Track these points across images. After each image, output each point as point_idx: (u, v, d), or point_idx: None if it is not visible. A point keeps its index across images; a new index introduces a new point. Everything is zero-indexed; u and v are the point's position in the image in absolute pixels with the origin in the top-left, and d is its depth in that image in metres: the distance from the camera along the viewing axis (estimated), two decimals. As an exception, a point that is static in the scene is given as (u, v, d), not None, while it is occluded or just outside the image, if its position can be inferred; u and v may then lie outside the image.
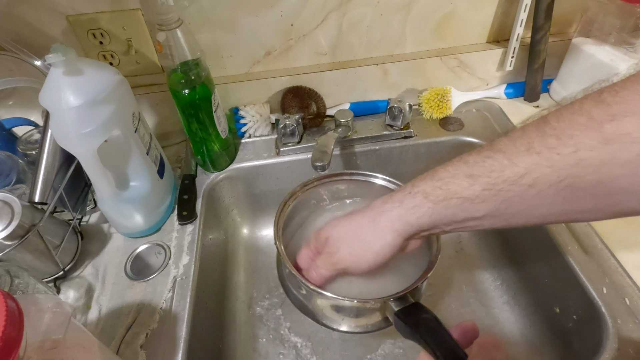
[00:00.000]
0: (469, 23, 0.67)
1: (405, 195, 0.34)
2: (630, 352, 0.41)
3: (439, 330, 0.31)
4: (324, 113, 0.68)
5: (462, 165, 0.31)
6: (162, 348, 0.43)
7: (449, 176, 0.31)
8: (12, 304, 0.24)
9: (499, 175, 0.28)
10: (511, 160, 0.28)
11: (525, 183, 0.27)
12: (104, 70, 0.44)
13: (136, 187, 0.53)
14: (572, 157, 0.25)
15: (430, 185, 0.32)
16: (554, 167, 0.26)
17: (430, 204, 0.32)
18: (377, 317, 0.40)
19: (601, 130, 0.24)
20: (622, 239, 0.49)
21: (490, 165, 0.29)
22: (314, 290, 0.38)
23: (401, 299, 0.36)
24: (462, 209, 0.31)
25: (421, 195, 0.33)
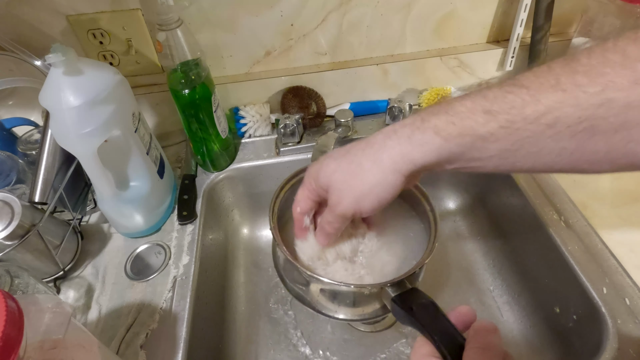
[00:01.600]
0: (469, 23, 0.67)
1: (413, 130, 0.31)
2: (630, 352, 0.41)
3: (436, 315, 0.31)
4: (324, 113, 0.68)
5: (480, 100, 0.28)
6: (162, 348, 0.43)
7: (465, 110, 0.29)
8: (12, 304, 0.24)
9: (519, 112, 0.26)
10: (534, 97, 0.26)
11: (545, 122, 0.25)
12: (104, 70, 0.44)
13: (136, 187, 0.53)
14: (599, 96, 0.24)
15: (444, 119, 0.29)
16: (579, 106, 0.24)
17: (441, 141, 0.29)
18: (374, 304, 0.40)
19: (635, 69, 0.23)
20: (622, 239, 0.49)
21: (511, 100, 0.27)
22: (311, 276, 0.38)
23: (398, 284, 0.36)
24: (473, 147, 0.29)
25: (432, 131, 0.30)
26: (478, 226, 0.70)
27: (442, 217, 0.73)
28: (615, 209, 0.53)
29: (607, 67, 0.24)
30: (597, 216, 0.52)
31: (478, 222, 0.71)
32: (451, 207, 0.74)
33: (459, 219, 0.73)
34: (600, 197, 0.55)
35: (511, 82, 0.27)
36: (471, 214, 0.72)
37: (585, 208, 0.53)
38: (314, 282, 0.40)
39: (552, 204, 0.55)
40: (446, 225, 0.72)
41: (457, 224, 0.72)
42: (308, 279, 0.40)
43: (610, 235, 0.50)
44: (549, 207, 0.55)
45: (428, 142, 0.30)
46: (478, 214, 0.71)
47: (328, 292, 0.41)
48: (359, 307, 0.40)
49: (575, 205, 0.54)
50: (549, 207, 0.55)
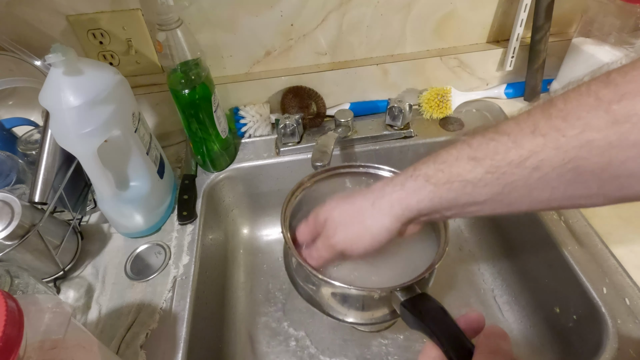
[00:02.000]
0: (469, 23, 0.67)
1: (406, 178, 0.34)
2: (630, 352, 0.41)
3: (445, 320, 0.31)
4: (324, 113, 0.68)
5: (465, 148, 0.30)
6: (162, 348, 0.43)
7: (452, 159, 0.31)
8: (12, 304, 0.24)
9: (503, 158, 0.28)
10: (516, 143, 0.27)
11: (530, 166, 0.27)
12: (104, 70, 0.44)
13: (136, 187, 0.53)
14: (578, 138, 0.24)
15: (433, 168, 0.32)
16: (560, 149, 0.25)
17: (432, 187, 0.32)
18: (383, 308, 0.40)
19: (609, 110, 0.23)
20: (622, 239, 0.49)
21: (494, 147, 0.28)
22: (322, 279, 0.38)
23: (408, 289, 0.36)
24: (464, 192, 0.30)
25: (423, 179, 0.32)
26: (478, 226, 0.70)
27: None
28: (615, 209, 0.53)
29: (583, 111, 0.25)
30: (597, 216, 0.52)
31: (478, 222, 0.71)
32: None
33: (458, 219, 0.73)
34: (600, 197, 0.54)
35: (493, 130, 0.29)
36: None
37: (585, 208, 0.53)
38: (324, 286, 0.41)
39: (552, 204, 0.55)
40: (446, 225, 0.72)
41: (457, 224, 0.72)
42: (319, 282, 0.41)
43: (610, 235, 0.50)
44: (549, 207, 0.55)
45: (420, 188, 0.32)
46: (478, 214, 0.71)
47: (338, 296, 0.41)
48: (368, 311, 0.41)
49: (575, 205, 0.54)
50: (549, 207, 0.55)
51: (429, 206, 0.32)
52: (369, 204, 0.35)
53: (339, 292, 0.40)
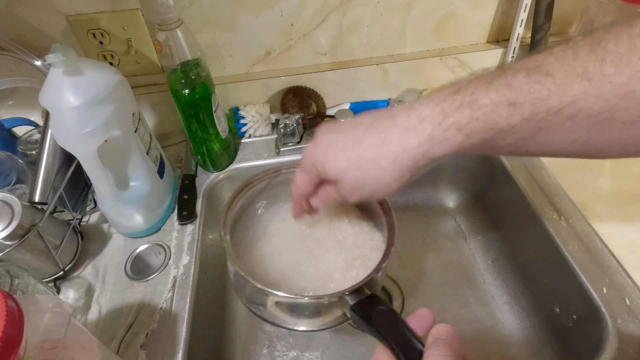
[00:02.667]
0: (469, 23, 0.67)
1: (434, 126, 0.29)
2: (630, 352, 0.41)
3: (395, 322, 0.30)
4: (324, 113, 0.68)
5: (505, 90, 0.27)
6: (162, 348, 0.43)
7: (490, 104, 0.27)
8: (12, 304, 0.24)
9: (543, 104, 0.25)
10: (561, 87, 0.25)
11: (566, 114, 0.25)
12: (104, 70, 0.44)
13: (136, 187, 0.53)
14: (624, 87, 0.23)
15: (467, 115, 0.28)
16: (602, 97, 0.24)
17: (463, 137, 0.28)
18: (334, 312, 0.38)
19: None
20: (622, 239, 0.49)
21: (537, 91, 0.26)
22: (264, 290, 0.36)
23: (357, 291, 0.35)
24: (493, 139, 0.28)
25: (455, 127, 0.28)
26: (478, 226, 0.70)
27: (442, 217, 0.73)
28: (615, 209, 0.53)
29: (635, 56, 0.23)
30: (597, 216, 0.52)
31: (478, 221, 0.71)
32: (451, 207, 0.74)
33: (459, 218, 0.73)
34: (600, 197, 0.55)
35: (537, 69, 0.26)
36: (471, 214, 0.72)
37: (585, 208, 0.53)
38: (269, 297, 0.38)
39: (552, 204, 0.55)
40: (446, 225, 0.72)
41: (457, 224, 0.72)
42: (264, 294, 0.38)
43: (610, 235, 0.50)
44: (549, 207, 0.55)
45: (450, 139, 0.29)
46: (478, 213, 0.71)
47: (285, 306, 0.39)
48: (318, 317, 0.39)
49: (575, 205, 0.54)
50: (549, 207, 0.55)
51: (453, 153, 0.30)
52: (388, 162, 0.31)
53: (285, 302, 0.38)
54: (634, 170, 0.57)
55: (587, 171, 0.58)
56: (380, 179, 0.32)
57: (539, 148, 0.28)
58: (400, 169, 0.31)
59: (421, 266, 0.66)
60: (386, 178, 0.32)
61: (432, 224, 0.73)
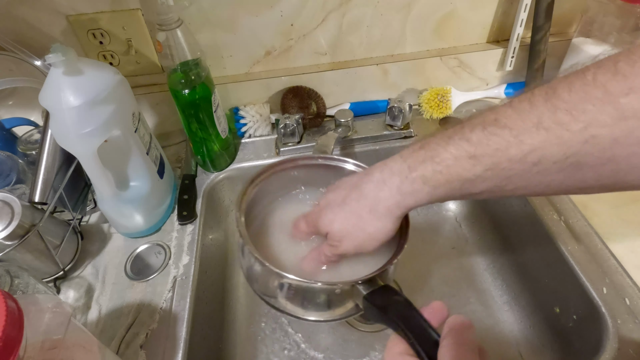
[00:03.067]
0: (469, 23, 0.67)
1: (402, 180, 0.33)
2: (630, 352, 0.41)
3: (409, 312, 0.30)
4: (324, 113, 0.68)
5: (464, 144, 0.29)
6: (162, 348, 0.43)
7: (450, 158, 0.30)
8: (12, 304, 0.24)
9: (503, 154, 0.27)
10: (517, 138, 0.26)
11: (530, 161, 0.26)
12: (104, 70, 0.44)
13: (136, 187, 0.53)
14: (583, 134, 0.24)
15: (430, 169, 0.31)
16: (563, 144, 0.24)
17: (430, 189, 0.31)
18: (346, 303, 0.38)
19: (617, 105, 0.22)
20: (622, 239, 0.49)
21: (495, 143, 0.27)
22: (278, 273, 0.36)
23: (370, 282, 0.35)
24: (462, 188, 0.30)
25: (420, 181, 0.31)
26: (478, 226, 0.70)
27: (442, 217, 0.73)
28: (615, 209, 0.53)
29: (589, 104, 0.24)
30: (597, 216, 0.52)
31: (478, 222, 0.71)
32: (451, 207, 0.74)
33: (459, 219, 0.73)
34: (600, 197, 0.55)
35: (494, 122, 0.28)
36: (471, 214, 0.72)
37: (585, 208, 0.53)
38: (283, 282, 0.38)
39: (552, 204, 0.55)
40: (446, 225, 0.72)
41: (457, 224, 0.72)
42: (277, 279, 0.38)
43: (610, 235, 0.50)
44: (549, 207, 0.55)
45: (417, 190, 0.32)
46: (478, 213, 0.71)
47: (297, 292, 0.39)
48: (330, 308, 0.39)
49: (575, 205, 0.54)
50: (549, 207, 0.55)
51: (425, 203, 0.33)
52: (366, 212, 0.35)
53: (299, 287, 0.38)
54: (634, 170, 0.57)
55: (587, 171, 0.58)
56: (362, 228, 0.35)
57: (517, 192, 0.29)
58: (378, 219, 0.34)
59: (421, 266, 0.66)
60: (367, 228, 0.35)
61: (432, 223, 0.73)
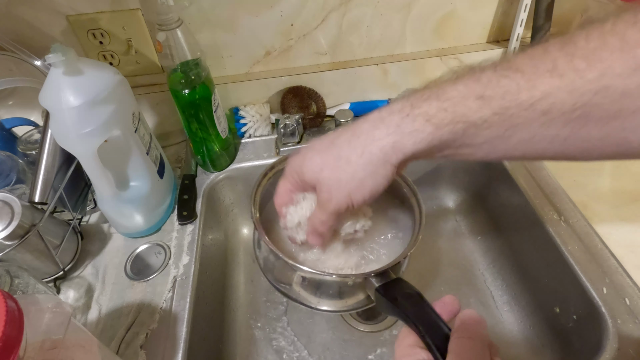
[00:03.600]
0: (469, 23, 0.67)
1: (402, 117, 0.29)
2: (630, 352, 0.41)
3: (421, 304, 0.30)
4: (324, 113, 0.68)
5: (473, 84, 0.27)
6: (162, 348, 0.43)
7: (458, 96, 0.27)
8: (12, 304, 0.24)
9: (513, 98, 0.25)
10: (530, 82, 0.25)
11: (539, 109, 0.25)
12: (104, 70, 0.44)
13: (136, 187, 0.53)
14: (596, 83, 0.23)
15: (435, 106, 0.28)
16: (575, 92, 0.23)
17: (432, 129, 0.28)
18: (358, 295, 0.39)
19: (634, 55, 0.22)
20: (622, 239, 0.49)
21: (506, 85, 0.26)
22: (294, 266, 0.37)
23: (382, 274, 0.35)
24: (465, 134, 0.28)
25: (422, 118, 0.28)
26: (478, 226, 0.70)
27: (442, 216, 0.73)
28: (615, 209, 0.53)
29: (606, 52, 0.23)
30: (597, 216, 0.52)
31: (478, 221, 0.71)
32: (451, 207, 0.74)
33: (459, 218, 0.73)
34: (600, 197, 0.55)
35: (506, 65, 0.26)
36: (471, 214, 0.72)
37: (585, 208, 0.53)
38: (297, 273, 0.39)
39: (552, 203, 0.55)
40: (446, 225, 0.72)
41: (457, 224, 0.72)
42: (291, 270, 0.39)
43: (610, 235, 0.50)
44: (549, 207, 0.55)
45: (419, 130, 0.29)
46: (478, 213, 0.71)
47: (311, 283, 0.40)
48: (342, 298, 0.40)
49: (575, 205, 0.54)
50: (549, 207, 0.55)
51: (424, 149, 0.29)
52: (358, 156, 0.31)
53: (312, 279, 0.39)
54: (634, 170, 0.57)
55: (587, 171, 0.58)
56: (352, 175, 0.32)
57: (517, 148, 0.27)
58: (371, 162, 0.31)
59: (421, 266, 0.66)
60: (358, 174, 0.31)
61: (433, 224, 0.73)
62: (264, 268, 0.43)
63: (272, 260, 0.42)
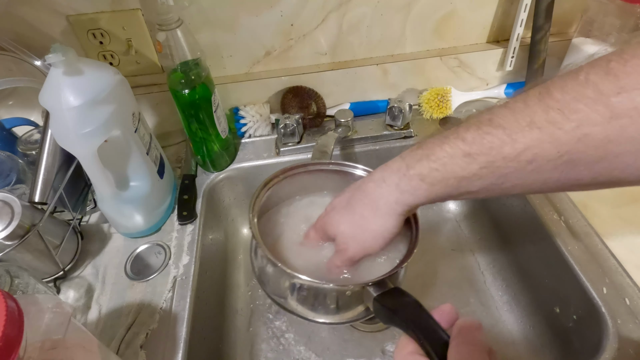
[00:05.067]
0: (469, 23, 0.67)
1: (400, 178, 0.34)
2: (630, 352, 0.41)
3: (420, 313, 0.31)
4: (324, 113, 0.68)
5: (459, 143, 0.30)
6: (162, 348, 0.43)
7: (446, 156, 0.31)
8: (12, 304, 0.24)
9: (497, 153, 0.28)
10: (511, 137, 0.27)
11: (525, 159, 0.27)
12: (104, 70, 0.44)
13: (136, 187, 0.53)
14: (575, 132, 0.24)
15: (427, 167, 0.32)
16: (556, 142, 0.25)
17: (427, 186, 0.32)
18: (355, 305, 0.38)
19: (608, 104, 0.23)
20: (622, 239, 0.49)
21: (489, 142, 0.28)
22: (290, 274, 0.36)
23: (380, 284, 0.36)
24: (459, 186, 0.31)
25: (417, 178, 0.32)
26: (478, 226, 0.70)
27: (442, 217, 0.73)
28: (615, 209, 0.53)
29: (581, 103, 0.24)
30: (597, 216, 0.52)
31: (478, 221, 0.71)
32: (451, 208, 0.74)
33: (459, 219, 0.73)
34: (600, 197, 0.55)
35: (488, 121, 0.28)
36: (471, 214, 0.72)
37: (585, 208, 0.53)
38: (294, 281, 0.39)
39: (552, 204, 0.55)
40: (446, 225, 0.72)
41: (457, 224, 0.72)
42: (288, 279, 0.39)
43: (610, 235, 0.50)
44: (549, 207, 0.55)
45: (415, 188, 0.33)
46: (478, 213, 0.71)
47: (308, 293, 0.39)
48: (340, 309, 0.39)
49: (575, 205, 0.54)
50: (549, 207, 0.55)
51: (425, 201, 0.33)
52: (368, 211, 0.36)
53: (309, 288, 0.38)
54: (634, 170, 0.57)
55: (587, 171, 0.58)
56: (366, 228, 0.37)
57: (515, 190, 0.30)
58: (381, 216, 0.35)
59: (421, 266, 0.66)
60: (371, 226, 0.36)
61: (433, 224, 0.73)
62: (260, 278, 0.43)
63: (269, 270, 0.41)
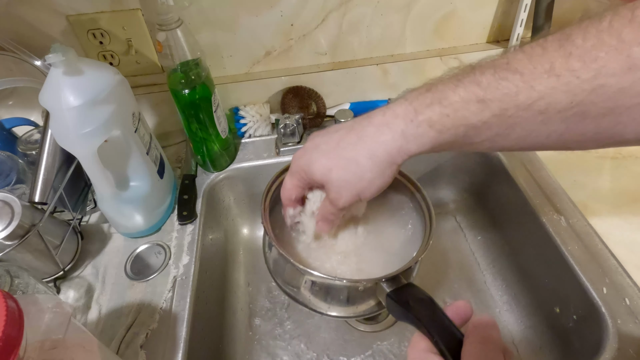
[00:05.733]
0: (469, 23, 0.67)
1: (407, 123, 0.31)
2: (630, 352, 0.41)
3: (433, 310, 0.30)
4: (324, 113, 0.68)
5: (474, 88, 0.28)
6: (162, 348, 0.43)
7: (459, 100, 0.28)
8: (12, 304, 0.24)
9: (512, 100, 0.26)
10: (528, 83, 0.25)
11: (537, 109, 0.26)
12: (104, 70, 0.44)
13: (136, 187, 0.53)
14: (591, 82, 0.23)
15: (438, 112, 0.29)
16: (571, 92, 0.24)
17: (435, 134, 0.30)
18: (368, 300, 0.39)
19: (629, 54, 0.22)
20: (622, 239, 0.49)
21: (505, 87, 0.26)
22: (304, 271, 0.37)
23: (393, 279, 0.35)
24: (466, 135, 0.29)
25: (426, 124, 0.30)
26: (478, 226, 0.70)
27: (442, 216, 0.73)
28: (615, 209, 0.53)
29: (602, 51, 0.23)
30: (597, 216, 0.52)
31: (478, 221, 0.71)
32: (451, 207, 0.74)
33: (459, 218, 0.73)
34: (600, 197, 0.55)
35: (505, 66, 0.27)
36: (471, 214, 0.72)
37: (585, 208, 0.53)
38: (307, 277, 0.39)
39: (552, 203, 0.55)
40: (446, 225, 0.72)
41: (457, 224, 0.72)
42: (301, 275, 0.39)
43: (610, 235, 0.50)
44: (549, 207, 0.55)
45: (423, 135, 0.30)
46: (478, 213, 0.71)
47: (321, 288, 0.39)
48: (352, 304, 0.39)
49: (575, 205, 0.54)
50: (549, 207, 0.55)
51: (428, 149, 0.31)
52: (366, 159, 0.33)
53: (322, 284, 0.39)
54: (634, 170, 0.57)
55: (587, 171, 0.58)
56: (360, 176, 0.33)
57: (516, 143, 0.29)
58: (378, 164, 0.33)
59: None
60: (366, 174, 0.33)
61: (432, 224, 0.73)
62: (274, 271, 0.43)
63: (282, 264, 0.42)
